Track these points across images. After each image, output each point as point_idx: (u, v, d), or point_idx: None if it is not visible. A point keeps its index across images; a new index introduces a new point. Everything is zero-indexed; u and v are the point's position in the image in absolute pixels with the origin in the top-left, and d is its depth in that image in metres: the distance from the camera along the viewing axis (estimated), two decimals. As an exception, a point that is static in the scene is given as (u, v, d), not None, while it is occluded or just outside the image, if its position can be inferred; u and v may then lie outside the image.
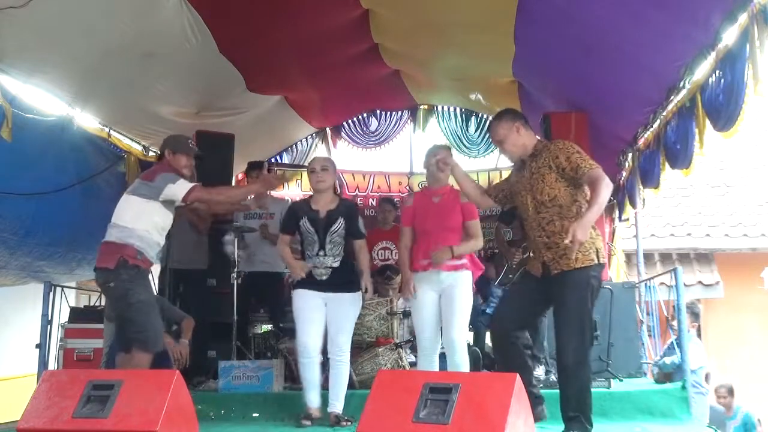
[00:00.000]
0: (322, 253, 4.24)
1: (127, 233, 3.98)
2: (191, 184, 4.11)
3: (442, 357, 4.41)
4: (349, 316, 4.30)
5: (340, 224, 4.26)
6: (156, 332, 3.98)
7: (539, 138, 3.85)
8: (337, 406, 4.21)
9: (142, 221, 4.02)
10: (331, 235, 4.25)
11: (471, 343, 6.38)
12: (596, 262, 3.50)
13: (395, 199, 7.04)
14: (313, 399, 4.25)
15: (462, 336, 4.15)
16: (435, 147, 4.46)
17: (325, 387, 4.31)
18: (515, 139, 3.68)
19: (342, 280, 4.26)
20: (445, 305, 4.17)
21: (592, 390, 4.52)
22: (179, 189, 4.05)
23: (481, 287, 5.33)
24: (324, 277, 4.24)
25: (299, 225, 4.31)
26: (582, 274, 3.49)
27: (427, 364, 4.16)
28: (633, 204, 6.61)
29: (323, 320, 4.25)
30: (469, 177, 4.18)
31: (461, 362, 4.10)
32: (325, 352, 4.30)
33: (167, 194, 4.04)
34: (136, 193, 4.11)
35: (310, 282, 4.27)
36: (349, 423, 4.14)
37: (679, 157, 4.97)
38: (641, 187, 6.09)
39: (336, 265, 4.25)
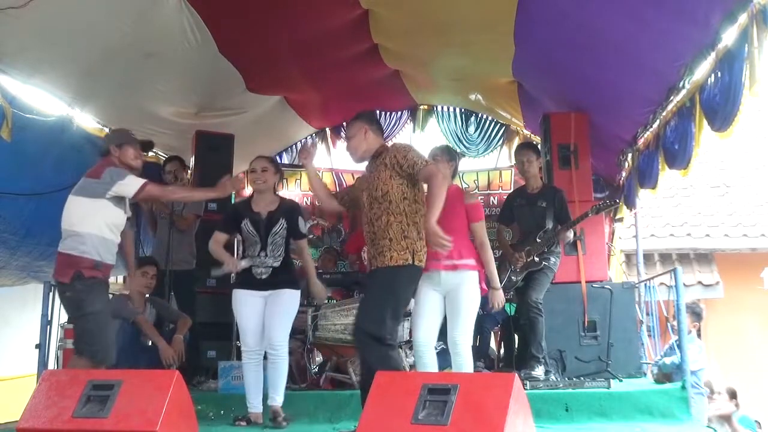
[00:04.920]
0: (263, 254, 4.26)
1: (79, 240, 3.87)
2: (142, 181, 3.99)
3: (445, 355, 4.42)
4: (287, 312, 4.25)
5: (281, 225, 4.28)
6: (106, 346, 3.87)
7: (384, 143, 3.97)
8: (276, 399, 4.21)
9: (91, 222, 3.91)
10: (273, 237, 4.27)
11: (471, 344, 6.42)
12: (410, 262, 3.60)
13: None
14: (254, 403, 4.24)
15: (466, 337, 4.12)
16: (434, 149, 4.48)
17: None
18: (359, 140, 3.85)
19: (282, 278, 4.28)
20: (450, 306, 4.16)
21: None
22: (130, 186, 3.95)
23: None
24: (264, 276, 4.25)
25: (240, 227, 4.31)
26: (390, 272, 3.62)
27: (420, 364, 4.12)
28: (629, 205, 6.62)
29: (261, 319, 4.24)
30: (319, 177, 4.29)
31: (464, 363, 4.08)
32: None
33: (116, 191, 3.93)
34: (81, 192, 3.98)
35: (249, 281, 4.27)
36: (285, 423, 4.13)
37: (678, 158, 4.97)
38: (638, 187, 6.09)
39: (277, 264, 4.27)
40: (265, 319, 4.23)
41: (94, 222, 3.92)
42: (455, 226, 4.21)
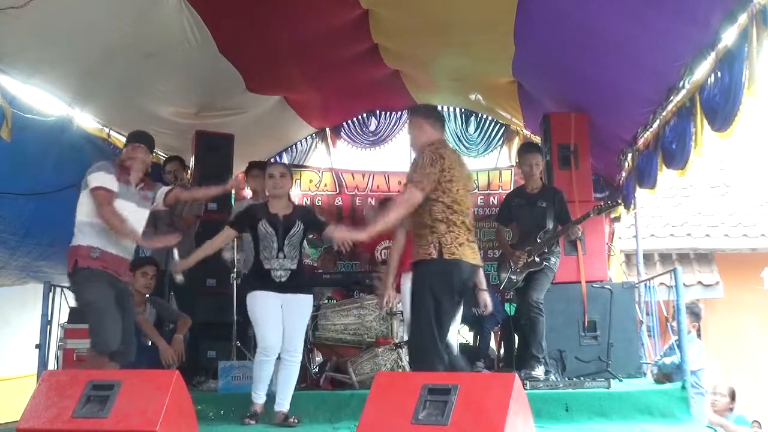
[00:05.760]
0: (281, 255, 4.31)
1: (79, 230, 4.03)
2: (105, 184, 4.02)
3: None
4: (305, 318, 4.42)
5: (298, 227, 4.36)
6: (106, 335, 3.90)
7: (439, 138, 3.93)
8: (284, 405, 4.24)
9: (85, 210, 4.03)
10: (290, 238, 4.33)
11: (471, 344, 6.42)
12: (434, 257, 3.60)
13: None
14: (261, 395, 4.29)
15: (454, 337, 4.16)
16: None
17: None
18: (417, 134, 3.89)
19: (299, 282, 4.36)
20: None
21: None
22: (95, 180, 4.03)
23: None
24: (283, 279, 4.30)
25: (257, 227, 4.34)
26: (417, 269, 3.68)
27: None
28: (627, 205, 6.61)
29: (281, 320, 4.28)
30: (387, 224, 3.95)
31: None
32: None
33: (88, 178, 4.05)
34: (83, 186, 4.13)
35: (268, 284, 4.30)
36: (296, 422, 4.17)
37: (675, 157, 4.97)
38: (637, 187, 6.09)
39: (294, 267, 4.33)
40: (286, 323, 4.27)
41: (88, 209, 4.03)
42: None
